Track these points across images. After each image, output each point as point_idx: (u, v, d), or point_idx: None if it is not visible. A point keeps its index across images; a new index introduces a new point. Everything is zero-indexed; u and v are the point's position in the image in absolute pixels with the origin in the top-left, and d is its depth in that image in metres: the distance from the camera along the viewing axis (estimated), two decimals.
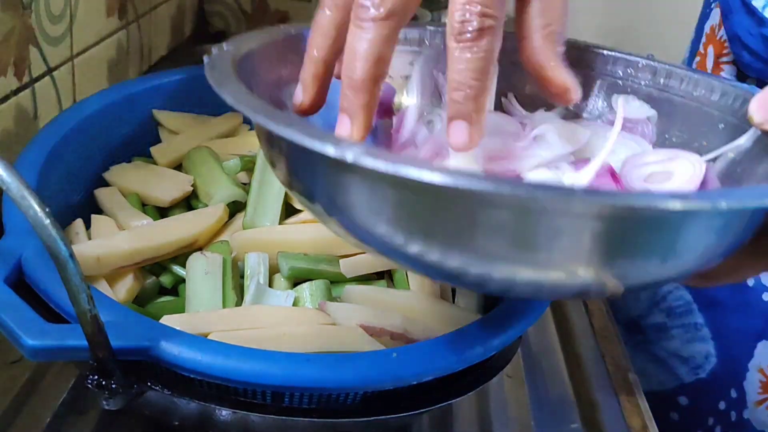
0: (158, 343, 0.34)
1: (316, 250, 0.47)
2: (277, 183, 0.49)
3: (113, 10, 0.87)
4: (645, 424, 0.55)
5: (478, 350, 0.38)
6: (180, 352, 0.34)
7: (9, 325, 0.33)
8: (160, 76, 0.59)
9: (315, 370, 0.34)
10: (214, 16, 1.22)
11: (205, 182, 0.51)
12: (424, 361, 0.37)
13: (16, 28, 0.67)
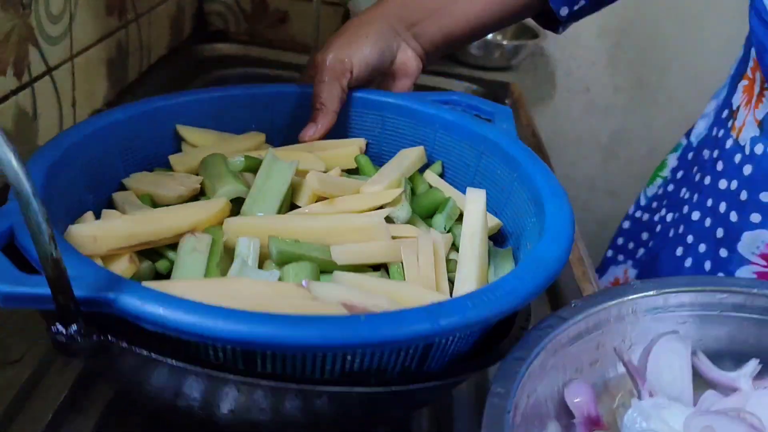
0: (121, 295, 0.34)
1: (309, 238, 0.46)
2: (282, 180, 0.50)
3: (113, 10, 0.87)
4: None
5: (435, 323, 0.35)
6: (141, 305, 0.34)
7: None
8: (186, 94, 0.60)
9: (269, 326, 0.33)
10: (213, 16, 1.22)
11: (211, 179, 0.52)
12: (392, 324, 0.35)
13: (16, 28, 0.67)
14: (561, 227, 0.45)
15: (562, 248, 0.43)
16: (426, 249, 0.46)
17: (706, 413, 0.37)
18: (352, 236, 0.47)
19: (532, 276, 0.40)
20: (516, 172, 0.53)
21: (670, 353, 0.40)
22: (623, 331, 0.40)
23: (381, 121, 0.62)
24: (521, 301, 0.39)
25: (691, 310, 0.41)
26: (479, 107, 0.62)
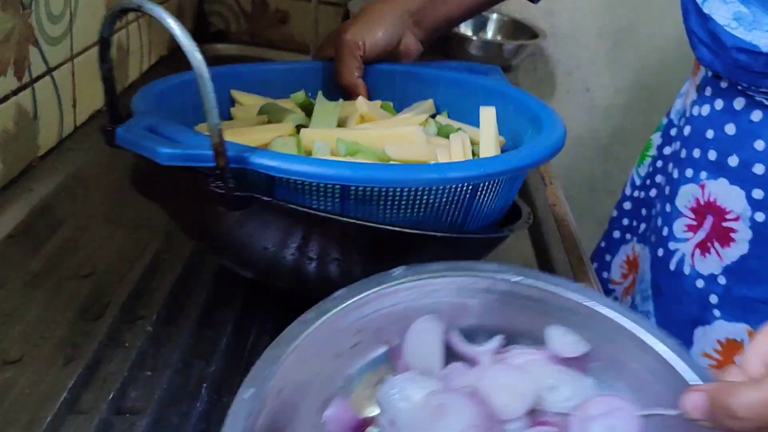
0: (258, 155, 0.46)
1: (364, 143, 0.57)
2: (334, 109, 0.64)
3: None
4: None
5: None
6: (273, 160, 0.46)
7: (147, 143, 0.44)
8: (238, 66, 0.71)
9: (361, 169, 0.47)
10: (214, 16, 1.22)
11: (276, 115, 0.64)
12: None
13: (16, 28, 0.67)
14: (556, 122, 0.59)
15: (561, 131, 0.57)
16: (457, 145, 0.59)
17: (441, 392, 0.42)
18: (397, 141, 0.58)
19: (542, 146, 0.54)
20: (512, 105, 0.65)
21: (425, 332, 0.45)
22: (386, 314, 0.44)
23: (393, 85, 0.74)
24: (538, 159, 0.53)
25: (448, 293, 0.45)
26: (473, 68, 0.74)
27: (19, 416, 0.46)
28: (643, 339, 0.42)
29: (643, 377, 0.42)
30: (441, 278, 0.45)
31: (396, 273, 0.44)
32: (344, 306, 0.42)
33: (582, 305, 0.44)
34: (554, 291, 0.45)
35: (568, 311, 0.44)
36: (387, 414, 0.42)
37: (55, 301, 0.57)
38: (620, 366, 0.43)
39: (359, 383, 0.44)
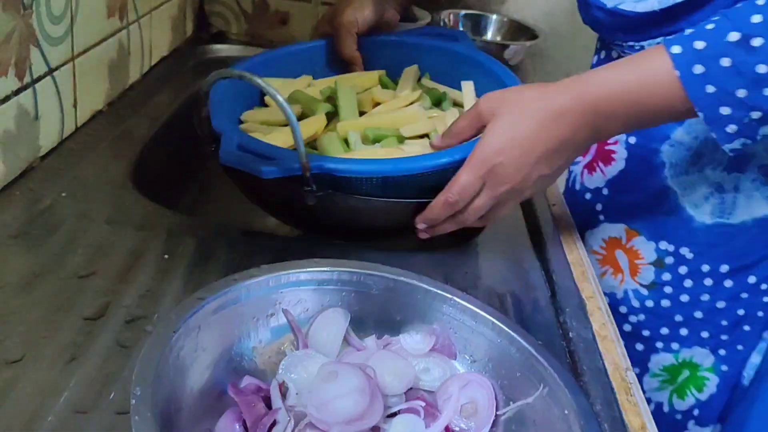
0: (325, 161, 0.65)
1: (384, 125, 0.78)
2: (353, 98, 0.82)
3: (114, 11, 0.87)
4: (644, 423, 0.56)
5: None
6: (339, 164, 0.65)
7: (250, 164, 0.62)
8: (260, 55, 0.90)
9: (399, 163, 0.67)
10: (214, 17, 1.22)
11: (308, 105, 0.82)
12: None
13: (17, 29, 0.67)
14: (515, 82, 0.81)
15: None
16: (449, 119, 0.77)
17: (334, 362, 0.50)
18: (407, 120, 0.78)
19: None
20: (481, 68, 0.87)
21: (330, 320, 0.54)
22: (297, 294, 0.55)
23: (383, 55, 0.92)
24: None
25: (349, 285, 0.55)
26: (443, 33, 0.97)
27: (20, 416, 0.47)
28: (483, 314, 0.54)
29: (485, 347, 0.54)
30: (343, 272, 0.56)
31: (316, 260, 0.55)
32: (267, 277, 0.53)
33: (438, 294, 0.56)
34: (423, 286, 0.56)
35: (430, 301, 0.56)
36: (287, 380, 0.50)
37: (56, 301, 0.57)
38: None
39: (267, 346, 0.53)
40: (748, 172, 0.75)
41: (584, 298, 0.69)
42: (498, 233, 0.79)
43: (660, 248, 0.80)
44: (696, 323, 0.82)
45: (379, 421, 0.47)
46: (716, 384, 0.84)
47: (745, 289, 0.79)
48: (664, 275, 0.81)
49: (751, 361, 0.82)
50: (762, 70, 0.58)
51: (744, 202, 0.76)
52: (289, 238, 0.73)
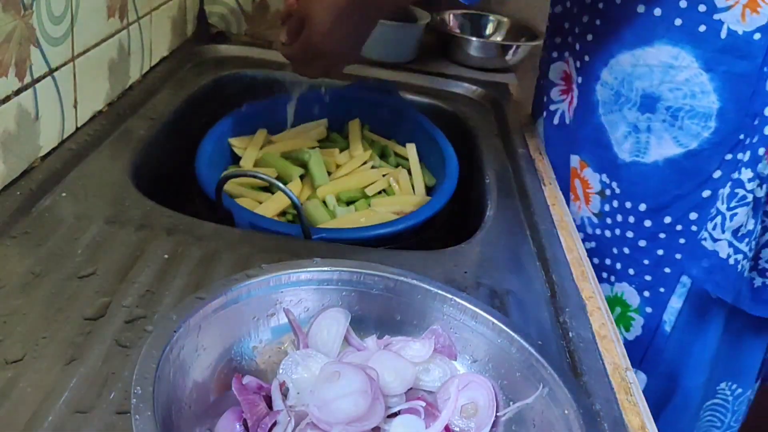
0: (329, 232, 0.78)
1: (351, 188, 0.94)
2: (320, 160, 0.95)
3: (114, 11, 0.87)
4: (643, 423, 0.56)
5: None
6: (335, 234, 0.78)
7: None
8: (229, 117, 0.99)
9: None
10: (214, 17, 1.22)
11: (284, 171, 0.95)
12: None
13: (18, 29, 0.67)
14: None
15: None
16: (400, 177, 0.97)
17: (336, 362, 0.50)
18: (367, 181, 0.95)
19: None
20: (416, 124, 1.04)
21: (331, 320, 0.54)
22: (298, 294, 0.55)
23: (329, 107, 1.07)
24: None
25: (350, 285, 0.56)
26: (380, 87, 1.11)
27: (20, 415, 0.47)
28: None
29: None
30: (346, 272, 0.56)
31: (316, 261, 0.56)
32: (267, 277, 0.53)
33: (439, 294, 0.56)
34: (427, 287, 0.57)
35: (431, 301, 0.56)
36: (288, 380, 0.50)
37: (56, 301, 0.57)
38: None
39: (268, 346, 0.53)
40: (657, 113, 0.81)
41: (584, 298, 0.69)
42: (498, 233, 0.79)
43: (602, 180, 0.88)
44: (624, 259, 0.89)
45: (379, 422, 0.47)
46: (641, 325, 0.89)
47: (662, 230, 0.85)
48: (605, 205, 0.89)
49: (672, 305, 0.86)
50: None
51: (656, 142, 0.83)
52: (289, 238, 0.73)
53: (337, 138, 1.05)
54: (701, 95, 0.78)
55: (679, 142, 0.81)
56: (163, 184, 0.88)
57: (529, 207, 0.85)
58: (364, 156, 1.00)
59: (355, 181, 0.95)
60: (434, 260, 0.71)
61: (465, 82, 1.24)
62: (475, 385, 0.52)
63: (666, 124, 0.82)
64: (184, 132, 0.97)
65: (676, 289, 0.86)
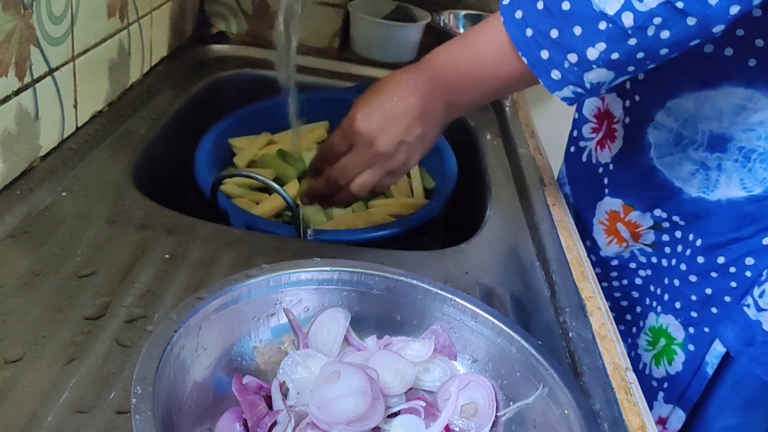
0: (330, 233, 0.79)
1: None
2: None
3: (114, 11, 0.87)
4: (643, 423, 0.56)
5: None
6: (338, 235, 0.80)
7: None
8: (230, 117, 1.00)
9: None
10: (214, 17, 1.22)
11: (282, 172, 0.96)
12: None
13: (18, 29, 0.67)
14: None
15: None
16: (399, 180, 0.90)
17: (336, 362, 0.51)
18: None
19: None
20: None
21: (331, 320, 0.54)
22: (298, 294, 0.55)
23: (327, 110, 1.06)
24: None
25: (350, 285, 0.56)
26: None
27: (20, 416, 0.47)
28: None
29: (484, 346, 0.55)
30: (346, 272, 0.56)
31: (316, 261, 0.56)
32: (267, 277, 0.53)
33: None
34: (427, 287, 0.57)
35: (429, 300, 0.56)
36: (288, 380, 0.51)
37: (56, 301, 0.57)
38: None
39: (268, 346, 0.54)
40: (728, 152, 0.75)
41: (584, 298, 0.69)
42: (498, 233, 0.79)
43: (655, 215, 0.84)
44: (673, 291, 0.84)
45: (379, 422, 0.47)
46: (682, 362, 0.85)
47: (714, 268, 0.80)
48: (663, 236, 0.84)
49: (715, 348, 0.82)
50: (566, 6, 0.60)
51: (725, 181, 0.77)
52: (289, 238, 0.73)
53: None
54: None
55: (744, 186, 0.77)
56: (163, 184, 0.88)
57: (529, 207, 0.85)
58: None
59: None
60: (434, 260, 0.71)
61: None
62: (475, 385, 0.52)
63: (737, 164, 0.76)
64: (184, 132, 0.97)
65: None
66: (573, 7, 0.60)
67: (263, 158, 0.96)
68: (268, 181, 0.76)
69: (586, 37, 0.61)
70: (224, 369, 0.50)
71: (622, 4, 0.58)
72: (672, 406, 0.87)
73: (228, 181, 0.92)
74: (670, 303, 0.85)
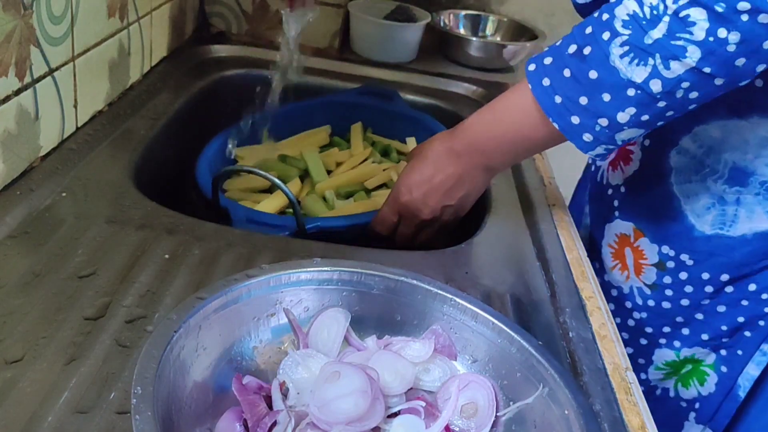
0: (323, 221, 0.80)
1: (351, 181, 0.96)
2: (318, 159, 0.98)
3: (114, 11, 0.87)
4: (643, 423, 0.56)
5: None
6: (331, 222, 0.80)
7: (262, 229, 0.75)
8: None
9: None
10: (214, 17, 1.22)
11: (284, 173, 0.96)
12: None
13: (18, 29, 0.67)
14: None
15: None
16: (400, 168, 0.96)
17: (336, 362, 0.51)
18: (367, 175, 0.97)
19: None
20: (416, 123, 1.06)
21: (331, 320, 0.55)
22: (298, 294, 0.55)
23: (330, 113, 1.09)
24: None
25: (350, 285, 0.56)
26: (382, 92, 1.12)
27: (20, 415, 0.47)
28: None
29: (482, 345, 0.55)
30: (346, 272, 0.56)
31: (316, 261, 0.56)
32: (267, 277, 0.53)
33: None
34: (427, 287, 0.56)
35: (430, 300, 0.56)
36: (288, 380, 0.51)
37: (56, 301, 0.57)
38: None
39: (268, 346, 0.54)
40: (749, 186, 0.75)
41: (584, 298, 0.69)
42: (498, 233, 0.79)
43: (662, 252, 0.81)
44: (697, 324, 0.83)
45: (379, 422, 0.47)
46: (715, 383, 0.85)
47: (745, 296, 0.79)
48: (665, 278, 0.82)
49: (748, 371, 0.81)
50: (593, 75, 0.62)
51: (745, 215, 0.76)
52: (289, 239, 0.73)
53: (339, 142, 1.06)
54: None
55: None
56: (163, 184, 0.88)
57: (529, 207, 0.85)
58: (364, 153, 1.01)
59: (354, 175, 0.96)
60: (434, 260, 0.71)
61: (465, 82, 1.24)
62: (475, 385, 0.52)
63: (759, 197, 0.75)
64: (185, 132, 0.97)
65: (754, 356, 0.81)
66: (600, 75, 0.62)
67: (265, 163, 0.97)
68: (268, 175, 0.76)
69: (615, 104, 0.62)
70: (224, 369, 0.50)
71: (650, 72, 0.59)
72: (702, 426, 0.87)
73: (230, 185, 0.92)
74: (694, 336, 0.84)
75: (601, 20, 0.62)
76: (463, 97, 1.21)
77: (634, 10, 0.60)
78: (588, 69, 0.63)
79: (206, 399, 0.48)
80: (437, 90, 1.21)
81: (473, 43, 1.31)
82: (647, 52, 0.59)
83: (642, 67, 0.60)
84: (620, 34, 0.60)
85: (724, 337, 0.82)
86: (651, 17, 0.59)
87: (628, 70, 0.60)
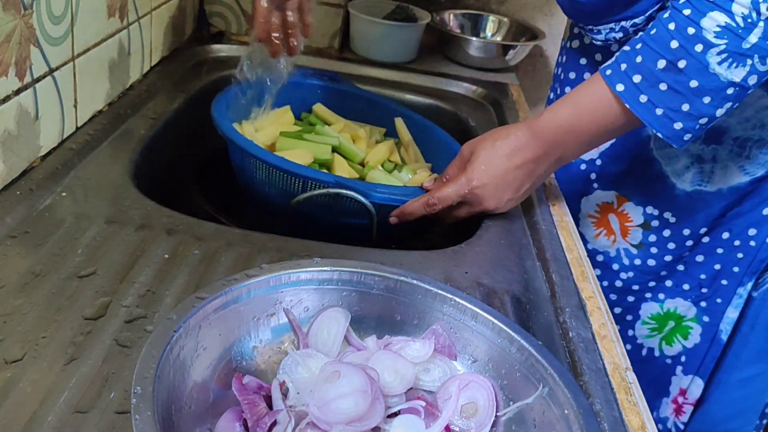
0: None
1: (384, 157, 0.97)
2: (348, 138, 0.97)
3: (114, 11, 0.87)
4: (643, 423, 0.56)
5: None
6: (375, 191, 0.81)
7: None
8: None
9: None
10: (214, 17, 1.22)
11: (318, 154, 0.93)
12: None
13: (18, 29, 0.67)
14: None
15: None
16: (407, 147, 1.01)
17: (336, 362, 0.50)
18: (385, 153, 0.97)
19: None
20: (376, 106, 1.06)
21: (330, 320, 0.55)
22: (298, 294, 0.55)
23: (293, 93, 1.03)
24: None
25: (350, 285, 0.56)
26: (327, 74, 1.09)
27: (20, 415, 0.47)
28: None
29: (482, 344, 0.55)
30: (346, 272, 0.56)
31: (316, 261, 0.56)
32: (267, 277, 0.53)
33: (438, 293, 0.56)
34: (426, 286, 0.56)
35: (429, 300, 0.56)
36: (288, 380, 0.51)
37: (56, 301, 0.57)
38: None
39: (268, 346, 0.54)
40: (724, 143, 0.82)
41: (584, 298, 0.69)
42: (498, 233, 0.79)
43: (647, 212, 0.90)
44: (679, 275, 0.92)
45: (379, 422, 0.47)
46: (699, 333, 0.93)
47: (720, 245, 0.88)
48: (650, 237, 0.91)
49: (728, 315, 0.90)
50: (694, 84, 0.68)
51: (720, 171, 0.84)
52: (289, 239, 0.73)
53: (314, 120, 1.02)
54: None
55: (746, 171, 0.83)
56: (163, 184, 0.88)
57: (529, 207, 0.85)
58: (371, 132, 1.01)
59: (383, 152, 0.96)
60: (434, 260, 0.71)
61: (465, 82, 1.24)
62: (475, 385, 0.52)
63: (733, 153, 0.83)
64: (184, 132, 0.97)
65: (732, 300, 0.89)
66: (701, 83, 0.67)
67: (282, 142, 0.92)
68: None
69: (715, 103, 0.68)
70: (224, 369, 0.50)
71: (748, 71, 0.66)
72: (691, 376, 0.94)
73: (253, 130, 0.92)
74: (676, 288, 0.92)
75: (686, 34, 0.67)
76: (463, 96, 1.21)
77: (726, 21, 0.65)
78: (688, 80, 0.68)
79: (206, 399, 0.48)
80: (437, 90, 1.21)
81: (473, 43, 1.31)
82: (745, 56, 0.66)
83: (741, 68, 0.66)
84: (715, 44, 0.66)
85: (703, 287, 0.91)
86: (745, 25, 0.65)
87: (728, 73, 0.66)
